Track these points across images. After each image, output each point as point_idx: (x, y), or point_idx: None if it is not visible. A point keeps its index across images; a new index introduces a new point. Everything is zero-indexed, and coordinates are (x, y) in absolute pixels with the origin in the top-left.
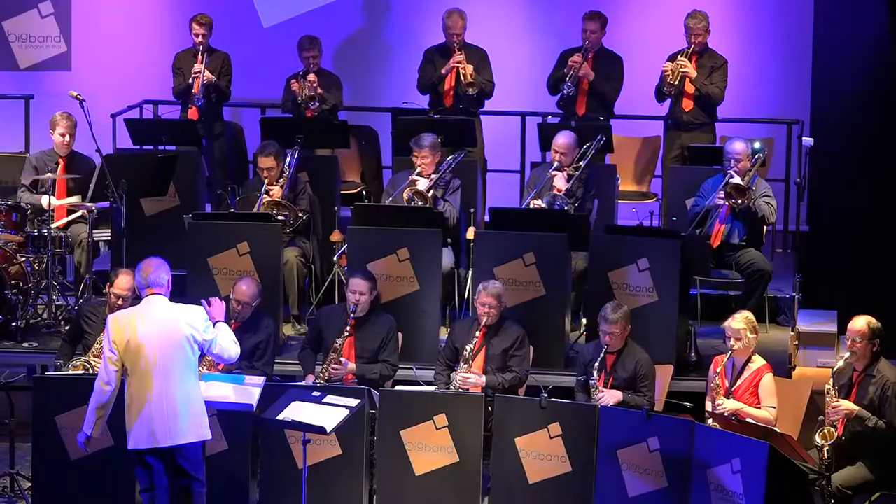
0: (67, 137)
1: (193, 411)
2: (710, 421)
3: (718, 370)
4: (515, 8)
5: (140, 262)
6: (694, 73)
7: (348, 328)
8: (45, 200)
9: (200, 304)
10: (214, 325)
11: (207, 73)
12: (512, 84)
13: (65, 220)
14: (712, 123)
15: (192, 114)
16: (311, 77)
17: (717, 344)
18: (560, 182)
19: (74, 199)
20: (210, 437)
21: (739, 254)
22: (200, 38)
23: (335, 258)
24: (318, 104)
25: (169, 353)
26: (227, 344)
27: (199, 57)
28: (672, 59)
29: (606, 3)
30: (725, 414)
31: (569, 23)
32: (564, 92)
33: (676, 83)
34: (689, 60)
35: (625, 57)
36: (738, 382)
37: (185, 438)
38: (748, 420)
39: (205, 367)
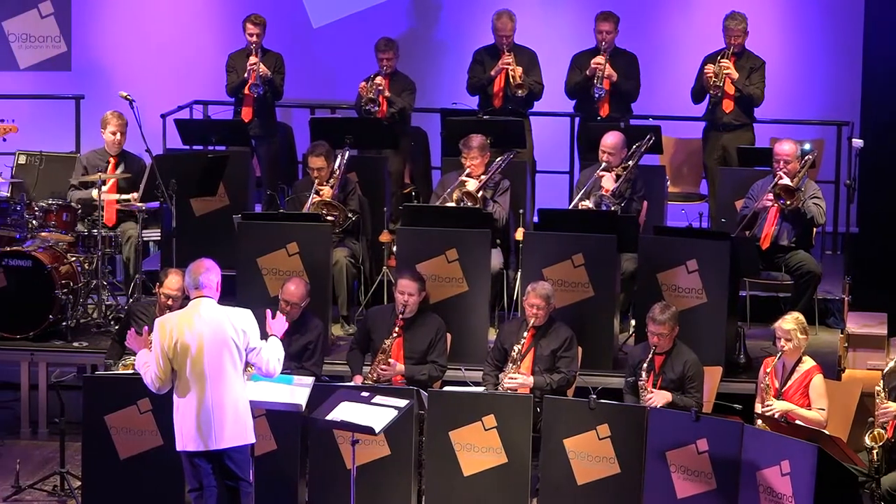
0: (119, 136)
1: (239, 415)
2: (758, 422)
3: (769, 371)
4: (566, 8)
5: (190, 262)
6: (736, 75)
7: (397, 329)
8: (94, 192)
9: (251, 310)
10: (268, 338)
11: (262, 66)
12: (561, 85)
13: (117, 202)
14: (751, 124)
15: (246, 114)
16: (379, 80)
17: (766, 346)
18: (608, 182)
19: (124, 197)
20: (254, 441)
21: (789, 255)
22: (255, 38)
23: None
24: (375, 107)
25: (215, 356)
26: (272, 358)
27: (254, 54)
28: (712, 60)
29: (647, 6)
30: (775, 415)
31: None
32: (597, 94)
33: (721, 84)
34: (729, 61)
35: (662, 59)
36: (789, 383)
37: (230, 442)
38: (797, 422)
39: (253, 368)
